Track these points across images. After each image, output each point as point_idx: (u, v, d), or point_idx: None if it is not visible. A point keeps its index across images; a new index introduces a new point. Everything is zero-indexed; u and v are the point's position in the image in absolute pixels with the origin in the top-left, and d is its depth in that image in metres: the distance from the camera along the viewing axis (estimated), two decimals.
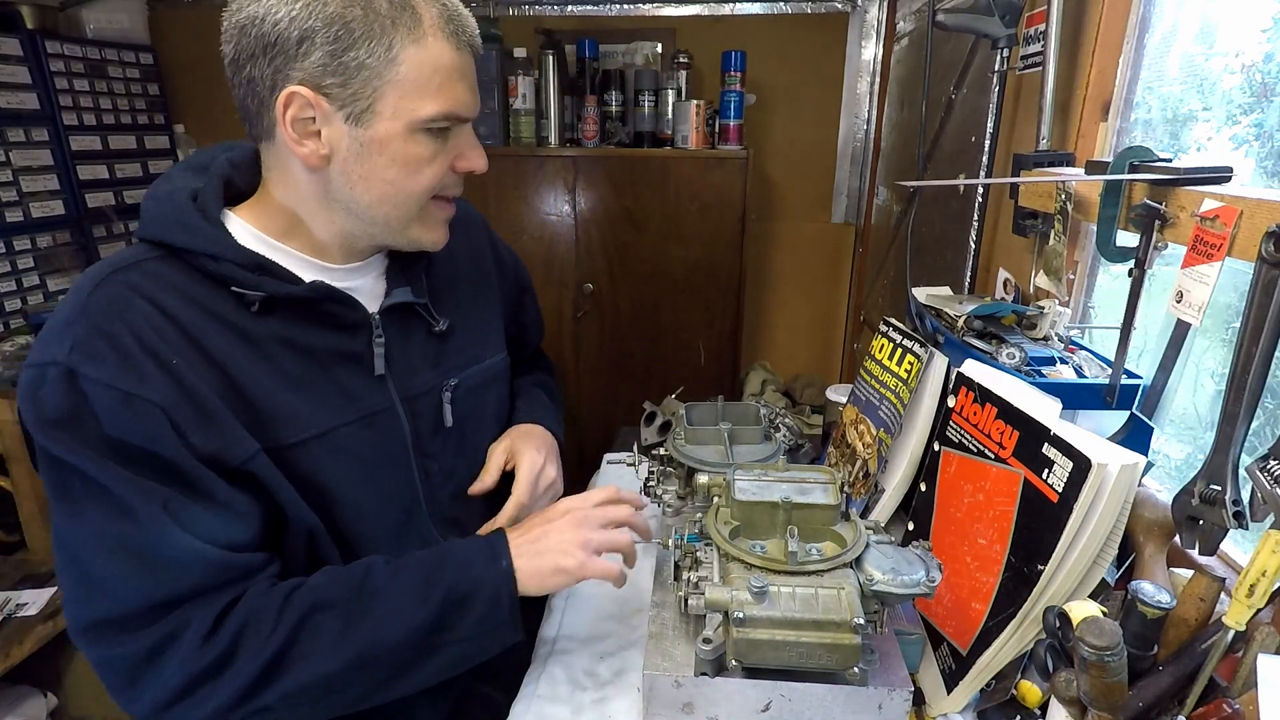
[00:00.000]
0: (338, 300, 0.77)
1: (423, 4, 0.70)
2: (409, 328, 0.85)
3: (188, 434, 0.67)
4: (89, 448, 0.64)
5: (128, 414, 0.64)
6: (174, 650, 0.66)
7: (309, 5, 0.66)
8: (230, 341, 0.71)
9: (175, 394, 0.66)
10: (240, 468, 0.70)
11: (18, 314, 2.07)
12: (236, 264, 0.72)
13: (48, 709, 1.59)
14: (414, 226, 0.79)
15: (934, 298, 1.14)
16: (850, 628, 0.64)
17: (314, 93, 0.68)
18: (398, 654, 0.70)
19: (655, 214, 2.25)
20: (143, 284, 0.69)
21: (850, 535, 0.72)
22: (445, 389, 0.88)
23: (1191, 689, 0.60)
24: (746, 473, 0.79)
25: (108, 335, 0.66)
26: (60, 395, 0.64)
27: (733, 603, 0.66)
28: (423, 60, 0.70)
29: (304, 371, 0.76)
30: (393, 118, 0.71)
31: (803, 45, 2.45)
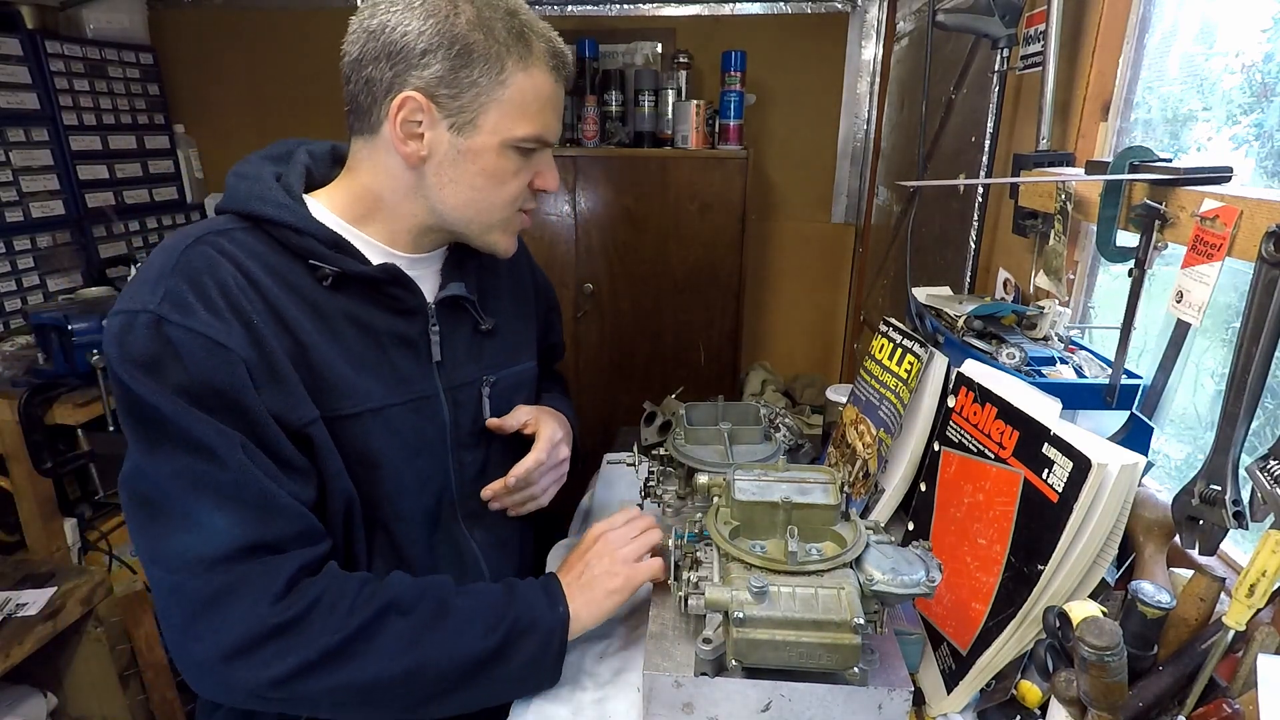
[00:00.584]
0: (403, 284, 0.83)
1: (535, 39, 0.78)
2: (457, 321, 0.91)
3: (261, 389, 0.71)
4: (172, 390, 0.68)
5: (213, 361, 0.69)
6: (242, 598, 0.68)
7: (439, 24, 0.74)
8: (303, 311, 0.77)
9: (254, 350, 0.71)
10: (300, 430, 0.74)
11: (18, 314, 2.07)
12: (317, 239, 0.78)
13: (48, 709, 1.59)
14: (495, 232, 0.86)
15: (934, 298, 1.14)
16: (850, 628, 0.64)
17: (427, 99, 0.75)
18: (451, 675, 0.73)
19: (655, 214, 2.25)
20: (230, 248, 0.75)
21: (850, 535, 0.72)
22: (485, 384, 0.93)
23: (1191, 689, 0.60)
24: (746, 473, 0.79)
25: (198, 288, 0.71)
26: (147, 340, 0.68)
27: (733, 603, 0.66)
28: (527, 87, 0.77)
29: (365, 349, 0.81)
30: (491, 133, 0.78)
31: (803, 45, 2.45)
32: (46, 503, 1.69)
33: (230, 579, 0.68)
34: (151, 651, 1.66)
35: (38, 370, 1.67)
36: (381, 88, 0.76)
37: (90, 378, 1.65)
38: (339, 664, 0.69)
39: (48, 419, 1.63)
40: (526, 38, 0.77)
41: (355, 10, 0.80)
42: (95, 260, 2.29)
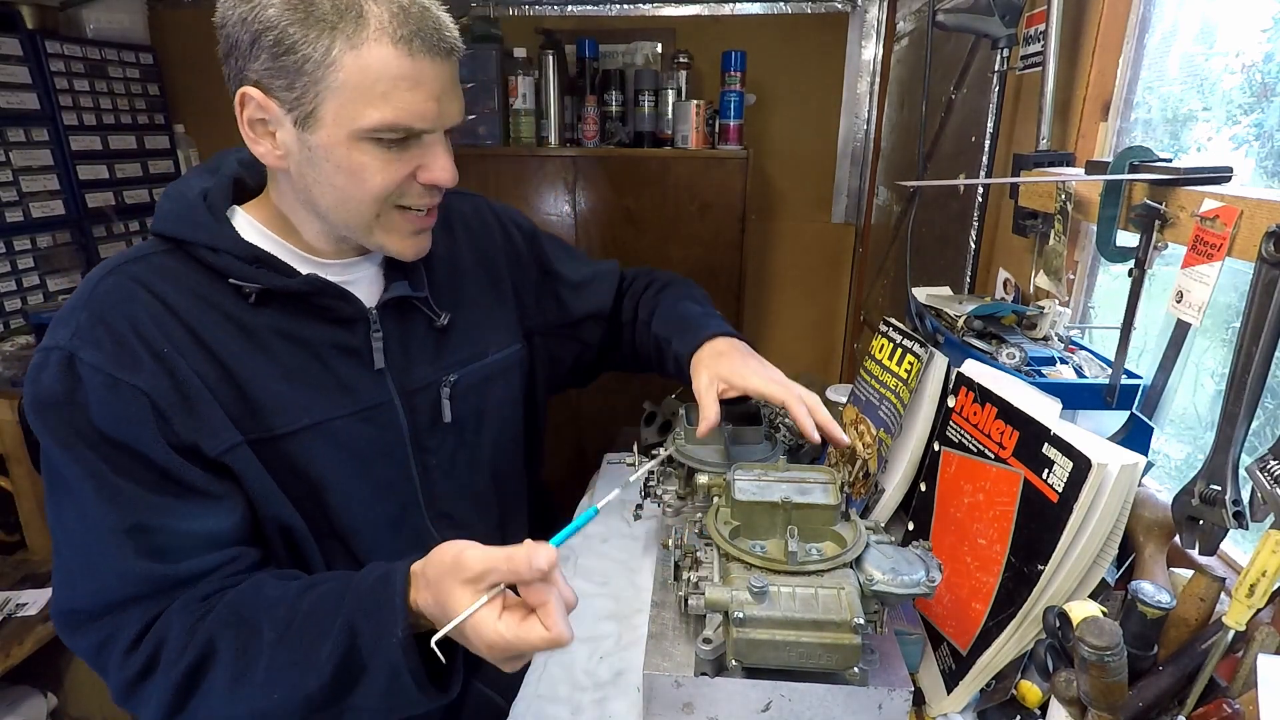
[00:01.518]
0: (332, 294, 0.78)
1: (371, 6, 0.67)
2: (408, 322, 0.86)
3: (171, 421, 0.69)
4: (73, 431, 0.67)
5: (113, 399, 0.67)
6: (111, 652, 0.69)
7: (254, 7, 0.67)
8: (227, 332, 0.74)
9: (163, 382, 0.69)
10: (217, 459, 0.72)
11: (18, 314, 2.07)
12: (234, 256, 0.74)
13: (48, 709, 1.59)
14: (376, 233, 0.77)
15: (934, 298, 1.14)
16: (850, 628, 0.64)
17: (263, 94, 0.69)
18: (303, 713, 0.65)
19: (655, 214, 2.24)
20: (146, 276, 0.73)
21: (850, 535, 0.72)
22: (444, 385, 0.88)
23: (1191, 689, 0.60)
24: (746, 472, 0.79)
25: (106, 323, 0.69)
26: (57, 378, 0.67)
27: (733, 603, 0.66)
28: (363, 67, 0.67)
29: (300, 363, 0.77)
30: (334, 125, 0.69)
31: (803, 45, 2.45)
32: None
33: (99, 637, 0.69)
34: None
35: None
36: (232, 85, 0.72)
37: None
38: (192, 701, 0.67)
39: None
40: (359, 7, 0.66)
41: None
42: (95, 260, 2.29)
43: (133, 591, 0.68)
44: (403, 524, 0.86)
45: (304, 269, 0.78)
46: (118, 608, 0.68)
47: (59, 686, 1.62)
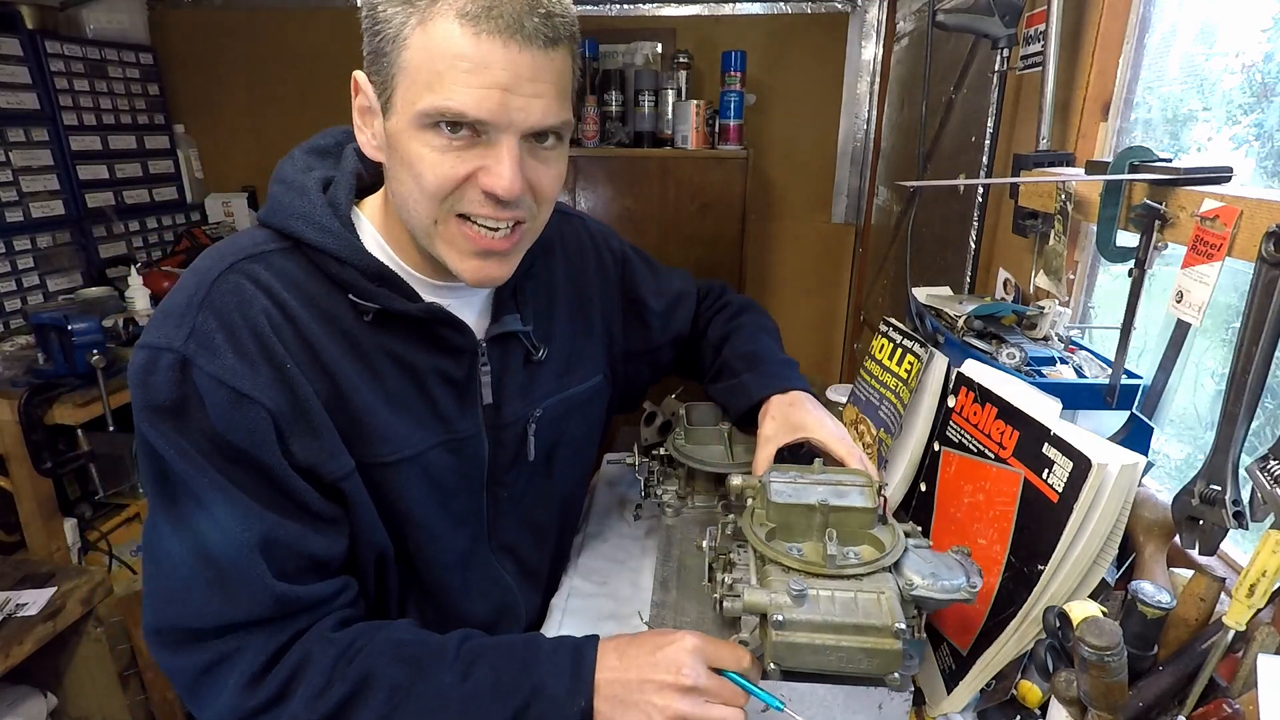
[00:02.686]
0: (451, 325, 0.75)
1: None
2: (509, 355, 0.83)
3: (290, 441, 0.66)
4: (190, 440, 0.63)
5: (236, 413, 0.63)
6: (228, 675, 0.64)
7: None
8: (342, 350, 0.70)
9: (285, 400, 0.65)
10: (334, 484, 0.69)
11: (17, 314, 2.07)
12: (360, 271, 0.70)
13: (48, 709, 1.59)
14: (438, 244, 0.70)
15: (934, 298, 1.14)
16: (891, 632, 0.63)
17: (366, 79, 0.67)
18: None
19: (655, 214, 2.24)
20: (266, 277, 0.68)
21: (888, 539, 0.71)
22: (531, 420, 0.86)
23: (1191, 689, 0.60)
24: (781, 475, 0.78)
25: (228, 329, 0.64)
26: (172, 384, 0.63)
27: (771, 605, 0.65)
28: (425, 46, 0.61)
29: (405, 389, 0.74)
30: (401, 110, 0.64)
31: (803, 45, 2.45)
32: (46, 503, 1.69)
33: (212, 655, 0.64)
34: None
35: (38, 370, 1.67)
36: None
37: (90, 378, 1.65)
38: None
39: (48, 419, 1.63)
40: None
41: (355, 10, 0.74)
42: (95, 260, 2.29)
43: (260, 612, 0.64)
44: (472, 557, 0.85)
45: (422, 291, 0.74)
46: (242, 628, 0.64)
47: (59, 686, 1.62)
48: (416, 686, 0.65)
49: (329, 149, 0.78)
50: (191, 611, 0.64)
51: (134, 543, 1.88)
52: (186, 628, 0.65)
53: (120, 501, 1.90)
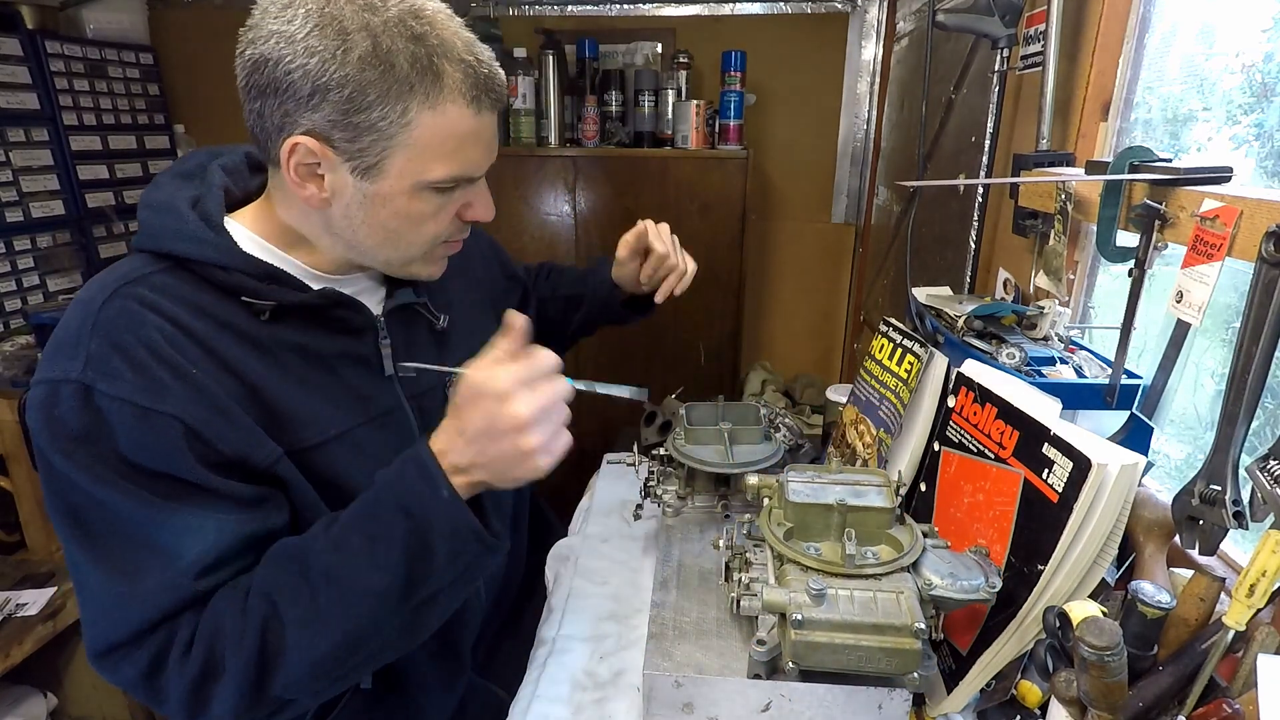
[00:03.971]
0: (346, 305, 0.77)
1: (449, 65, 0.67)
2: (411, 327, 0.86)
3: (213, 441, 0.66)
4: (105, 465, 0.63)
5: (144, 429, 0.63)
6: (166, 667, 0.66)
7: (325, 61, 0.64)
8: (244, 349, 0.71)
9: (195, 403, 0.66)
10: (267, 470, 0.70)
11: (17, 314, 2.07)
12: (247, 274, 0.71)
13: (48, 709, 1.59)
14: (415, 265, 0.79)
15: (934, 298, 1.14)
16: (911, 632, 0.64)
17: (320, 144, 0.67)
18: (385, 619, 0.66)
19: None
20: (152, 297, 0.68)
21: (906, 539, 0.71)
22: (450, 385, 0.87)
23: (1191, 689, 0.60)
24: (799, 474, 0.78)
25: (122, 349, 0.65)
26: (77, 412, 0.63)
27: (790, 605, 0.66)
28: (438, 125, 0.68)
29: (316, 376, 0.76)
30: (399, 177, 0.70)
31: (803, 45, 2.45)
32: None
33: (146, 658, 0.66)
34: None
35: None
36: (273, 125, 0.68)
37: None
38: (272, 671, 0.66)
39: None
40: (436, 68, 0.67)
41: None
42: (95, 260, 2.29)
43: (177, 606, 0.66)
44: None
45: (312, 283, 0.77)
46: (165, 621, 0.66)
47: (59, 686, 1.62)
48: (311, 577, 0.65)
49: (193, 171, 0.79)
50: (117, 626, 0.66)
51: None
52: (120, 641, 0.66)
53: None
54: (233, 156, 0.82)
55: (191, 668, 0.65)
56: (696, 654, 0.73)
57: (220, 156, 0.81)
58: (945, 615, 0.76)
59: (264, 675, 0.65)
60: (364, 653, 0.68)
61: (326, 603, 0.65)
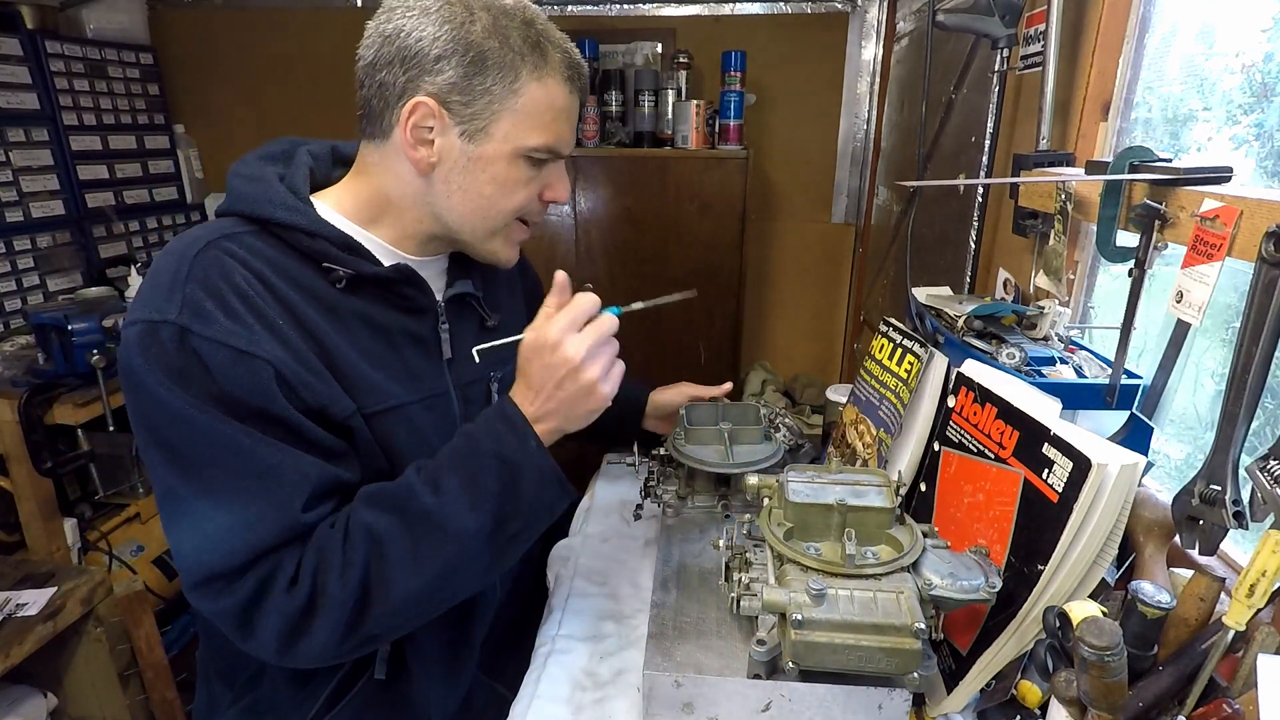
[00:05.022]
0: (414, 284, 0.82)
1: (552, 48, 0.77)
2: (465, 318, 0.91)
3: (298, 389, 0.71)
4: (207, 399, 0.67)
5: (240, 370, 0.68)
6: (269, 598, 0.69)
7: (454, 30, 0.73)
8: (320, 313, 0.76)
9: (283, 352, 0.70)
10: (344, 422, 0.75)
11: (18, 314, 2.07)
12: (330, 241, 0.77)
13: (48, 709, 1.59)
14: (495, 240, 0.85)
15: (934, 298, 1.14)
16: (911, 632, 0.64)
17: (439, 106, 0.75)
18: (475, 556, 0.73)
19: (655, 214, 2.25)
20: (241, 253, 0.73)
21: (906, 539, 0.71)
22: (494, 380, 0.93)
23: (1191, 689, 0.60)
24: (799, 474, 0.78)
25: (216, 295, 0.70)
26: (174, 351, 0.67)
27: (791, 605, 0.66)
28: (540, 97, 0.77)
29: (380, 349, 0.81)
30: (503, 141, 0.77)
31: (803, 45, 2.45)
32: (46, 503, 1.69)
33: (252, 585, 0.69)
34: (151, 651, 1.66)
35: (38, 370, 1.67)
36: (394, 92, 0.75)
37: (90, 378, 1.65)
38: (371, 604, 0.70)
39: (48, 419, 1.63)
40: (542, 47, 0.76)
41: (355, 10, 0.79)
42: (95, 260, 2.29)
43: (286, 536, 0.70)
44: None
45: (386, 260, 0.82)
46: (271, 552, 0.69)
47: (59, 686, 1.62)
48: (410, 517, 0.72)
49: (279, 155, 0.85)
50: (229, 553, 0.69)
51: (134, 542, 1.88)
52: (225, 570, 0.69)
53: (120, 501, 1.90)
54: (320, 146, 0.88)
55: (296, 600, 0.69)
56: (696, 654, 0.73)
57: (308, 144, 0.87)
58: (945, 615, 0.76)
59: (364, 609, 0.70)
60: (451, 588, 0.75)
61: (426, 540, 0.71)
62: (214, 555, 0.69)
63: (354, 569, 0.70)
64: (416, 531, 0.71)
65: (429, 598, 0.74)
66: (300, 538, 0.71)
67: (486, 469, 0.73)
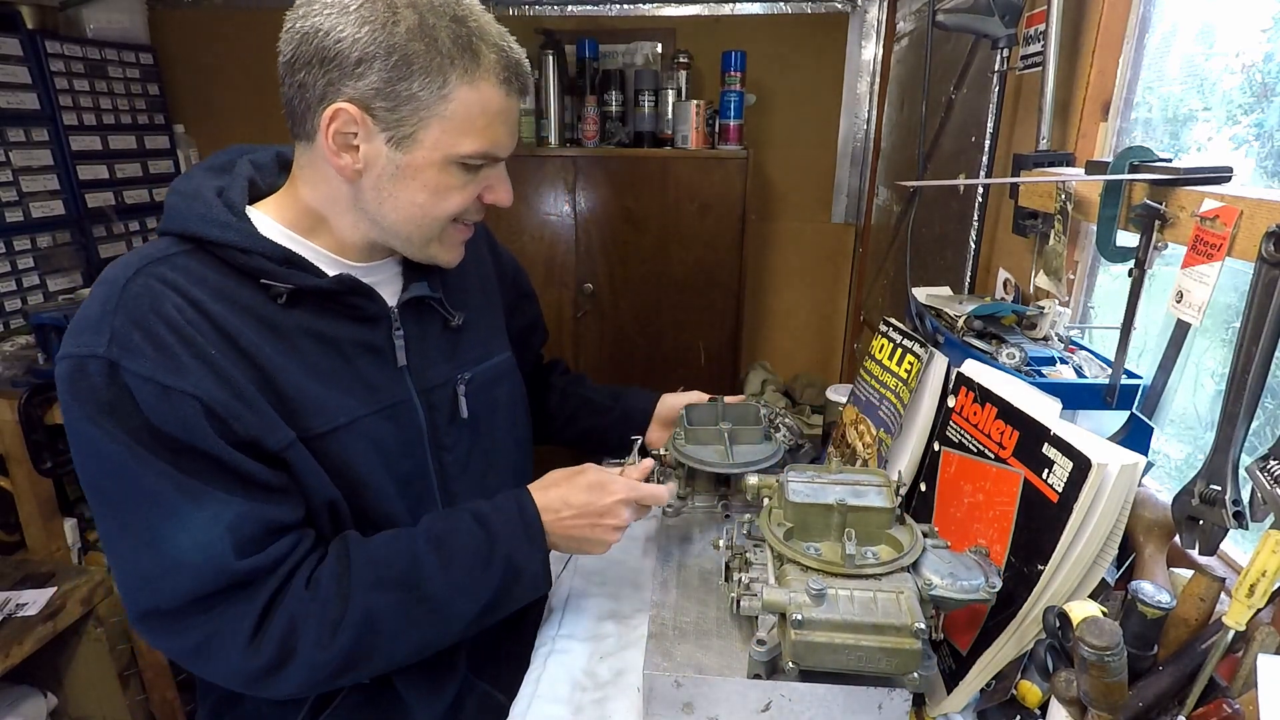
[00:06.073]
0: (361, 293, 0.80)
1: (485, 48, 0.73)
2: (425, 321, 0.88)
3: (229, 421, 0.69)
4: (132, 436, 0.66)
5: (166, 406, 0.66)
6: (220, 650, 0.69)
7: (374, 31, 0.68)
8: (259, 334, 0.73)
9: (212, 383, 0.68)
10: (278, 454, 0.72)
11: (17, 314, 2.07)
12: (266, 257, 0.74)
13: (48, 709, 1.59)
14: (433, 245, 0.82)
15: (934, 298, 1.14)
16: (911, 632, 0.64)
17: (361, 111, 0.71)
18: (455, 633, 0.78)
19: (655, 214, 2.24)
20: (173, 277, 0.71)
21: (906, 539, 0.71)
22: (460, 382, 0.90)
23: (1191, 689, 0.60)
24: (799, 474, 0.78)
25: (144, 328, 0.67)
26: (103, 386, 0.66)
27: (791, 605, 0.66)
28: (473, 100, 0.73)
29: (329, 363, 0.78)
30: (432, 148, 0.74)
31: (803, 45, 2.45)
32: (46, 503, 1.69)
33: (199, 634, 0.69)
34: (151, 651, 1.66)
35: (38, 370, 1.67)
36: (315, 95, 0.72)
37: None
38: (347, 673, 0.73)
39: (48, 419, 1.63)
40: (474, 48, 0.72)
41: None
42: (95, 260, 2.28)
43: (225, 583, 0.68)
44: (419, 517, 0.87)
45: (330, 269, 0.79)
46: (211, 601, 0.68)
47: (59, 686, 1.62)
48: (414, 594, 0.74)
49: (223, 165, 0.83)
50: (164, 596, 0.68)
51: None
52: (164, 610, 0.68)
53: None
54: (264, 153, 0.86)
55: (259, 660, 0.69)
56: (696, 654, 0.73)
57: (252, 153, 0.85)
58: (945, 615, 0.76)
59: (342, 672, 0.72)
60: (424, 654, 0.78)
61: (422, 622, 0.75)
62: (147, 595, 0.68)
63: (339, 641, 0.71)
64: (416, 613, 0.74)
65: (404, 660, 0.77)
66: (242, 587, 0.70)
67: (495, 565, 0.77)
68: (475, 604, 0.77)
